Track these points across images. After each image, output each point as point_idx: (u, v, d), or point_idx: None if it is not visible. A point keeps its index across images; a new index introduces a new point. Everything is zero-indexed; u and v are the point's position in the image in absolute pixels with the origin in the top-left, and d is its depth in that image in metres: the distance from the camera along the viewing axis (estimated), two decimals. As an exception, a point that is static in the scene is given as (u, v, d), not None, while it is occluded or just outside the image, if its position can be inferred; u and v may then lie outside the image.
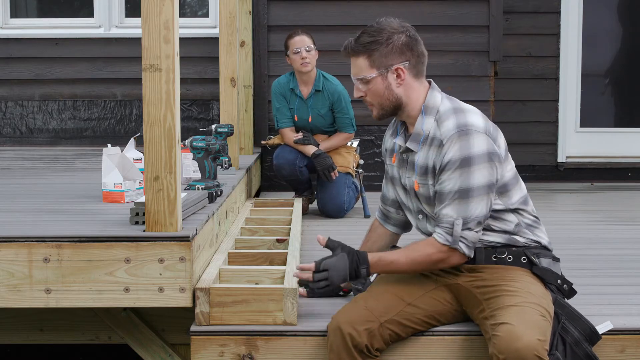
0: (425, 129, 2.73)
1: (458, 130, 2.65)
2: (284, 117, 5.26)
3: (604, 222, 5.14)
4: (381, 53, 2.71)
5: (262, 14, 6.29)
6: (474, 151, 2.62)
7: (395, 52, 2.71)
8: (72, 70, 6.78)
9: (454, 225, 2.66)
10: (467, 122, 2.66)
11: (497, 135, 2.73)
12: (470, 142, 2.63)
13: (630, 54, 7.20)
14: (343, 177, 5.20)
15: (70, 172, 5.08)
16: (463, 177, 2.63)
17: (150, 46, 2.77)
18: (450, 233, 2.66)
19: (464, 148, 2.62)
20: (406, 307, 2.74)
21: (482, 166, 2.63)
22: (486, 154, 2.63)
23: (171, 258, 2.82)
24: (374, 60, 2.73)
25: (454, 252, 2.68)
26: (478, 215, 2.65)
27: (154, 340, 3.38)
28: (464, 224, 2.65)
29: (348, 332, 2.63)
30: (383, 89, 2.74)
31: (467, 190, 2.63)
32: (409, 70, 2.73)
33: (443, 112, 2.72)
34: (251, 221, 4.29)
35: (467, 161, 2.62)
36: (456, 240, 2.66)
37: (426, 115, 2.74)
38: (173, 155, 2.80)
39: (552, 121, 6.96)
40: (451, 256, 2.69)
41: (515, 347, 2.43)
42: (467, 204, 2.64)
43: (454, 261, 2.71)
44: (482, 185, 2.63)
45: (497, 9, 6.28)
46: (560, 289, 2.76)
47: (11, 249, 2.81)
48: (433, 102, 2.75)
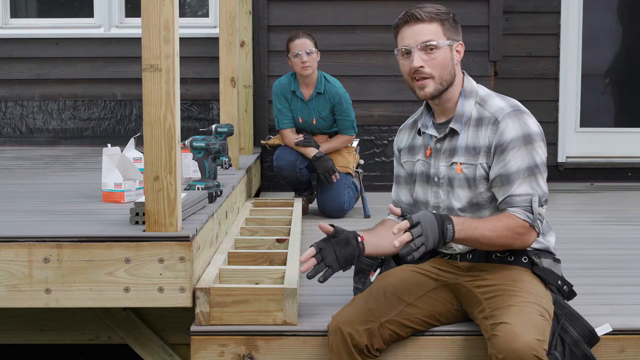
0: (467, 111, 2.75)
1: (513, 110, 2.68)
2: (285, 118, 5.26)
3: (604, 222, 5.14)
4: (451, 25, 2.73)
5: (262, 14, 6.29)
6: (532, 129, 2.67)
7: (458, 30, 2.76)
8: (72, 70, 6.78)
9: (532, 202, 2.65)
10: (517, 104, 2.72)
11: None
12: (527, 121, 2.68)
13: (630, 54, 7.20)
14: (343, 177, 5.20)
15: (70, 172, 5.08)
16: (529, 154, 2.65)
17: (150, 46, 2.77)
18: (531, 210, 2.64)
19: (523, 126, 2.66)
20: (406, 307, 2.74)
21: (540, 144, 2.68)
22: (539, 133, 2.69)
23: (171, 258, 2.82)
24: (446, 30, 2.72)
25: (532, 230, 2.67)
26: (545, 190, 2.68)
27: (154, 340, 3.38)
28: (539, 200, 2.66)
29: (348, 332, 2.63)
30: (449, 60, 2.72)
31: (534, 167, 2.66)
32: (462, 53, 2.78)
33: (483, 95, 2.76)
34: (251, 221, 4.29)
35: (529, 139, 2.65)
36: (536, 217, 2.66)
37: (466, 99, 2.76)
38: (173, 155, 2.80)
39: (552, 121, 6.95)
40: (530, 233, 2.67)
41: (513, 347, 2.43)
42: (537, 181, 2.66)
43: (531, 239, 2.69)
44: (543, 162, 2.68)
45: (497, 9, 6.28)
46: (560, 290, 2.76)
47: (11, 249, 2.81)
48: (471, 87, 2.79)
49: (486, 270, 2.75)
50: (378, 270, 2.95)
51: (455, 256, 2.83)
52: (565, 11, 6.91)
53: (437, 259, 2.89)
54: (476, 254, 2.77)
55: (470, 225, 2.61)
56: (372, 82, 6.31)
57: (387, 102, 6.29)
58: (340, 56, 6.31)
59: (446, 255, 2.86)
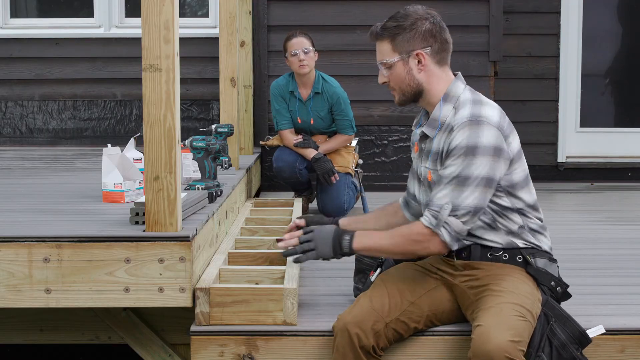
0: (442, 116, 2.74)
1: (470, 119, 2.65)
2: (284, 118, 5.26)
3: (604, 222, 5.14)
4: (404, 38, 2.74)
5: (262, 14, 6.29)
6: (481, 141, 2.62)
7: (417, 38, 2.75)
8: (72, 70, 6.77)
9: (442, 209, 2.65)
10: (481, 113, 2.67)
11: (510, 133, 2.72)
12: (479, 132, 2.63)
13: (630, 54, 7.20)
14: (343, 177, 5.19)
15: (70, 172, 5.08)
16: (465, 164, 2.62)
17: (150, 46, 2.77)
18: (436, 216, 2.65)
19: (472, 136, 2.63)
20: (409, 305, 2.75)
21: (486, 158, 2.62)
22: (493, 147, 2.63)
23: (171, 258, 2.82)
24: (396, 45, 2.75)
25: (435, 237, 2.66)
26: (469, 205, 2.63)
27: (154, 340, 3.38)
28: (452, 210, 2.64)
29: (355, 333, 2.63)
30: (404, 74, 2.76)
31: (465, 178, 2.63)
32: (431, 57, 2.76)
33: (462, 100, 2.73)
34: (251, 221, 4.29)
35: (472, 149, 2.62)
36: (439, 224, 2.64)
37: (445, 103, 2.76)
38: (173, 155, 2.80)
39: (552, 121, 6.96)
40: (431, 241, 2.67)
41: (485, 350, 2.44)
42: (461, 192, 2.63)
43: (433, 248, 2.68)
44: (482, 176, 2.62)
45: (497, 9, 6.28)
46: (553, 291, 2.75)
47: (11, 249, 2.81)
48: (455, 91, 2.77)
49: (481, 269, 2.76)
50: (378, 270, 2.96)
51: (451, 254, 2.83)
52: (565, 11, 6.90)
53: (435, 258, 2.90)
54: (471, 252, 2.78)
55: (369, 236, 2.74)
56: (372, 82, 6.29)
57: (387, 102, 6.28)
58: (340, 56, 6.30)
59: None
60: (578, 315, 2.71)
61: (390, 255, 2.80)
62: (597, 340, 2.78)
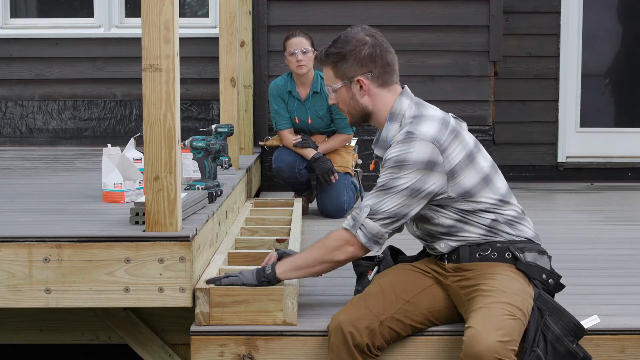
0: (389, 136, 2.79)
1: (405, 137, 2.71)
2: (283, 119, 5.26)
3: (604, 222, 5.14)
4: (345, 65, 2.80)
5: (262, 14, 6.29)
6: (411, 156, 2.68)
7: (357, 64, 2.79)
8: (72, 70, 6.78)
9: (361, 211, 2.73)
10: (416, 130, 2.71)
11: (450, 144, 2.73)
12: (410, 148, 2.69)
13: (630, 54, 7.20)
14: (342, 177, 5.19)
15: (70, 172, 5.08)
16: (392, 176, 2.70)
17: (150, 46, 2.77)
18: (354, 218, 2.74)
19: (402, 151, 2.69)
20: (405, 304, 2.76)
21: (413, 172, 2.68)
22: (422, 161, 2.68)
23: (171, 258, 2.82)
24: (337, 71, 2.82)
25: (352, 239, 2.74)
26: (387, 209, 2.70)
27: (154, 340, 3.38)
28: (370, 213, 2.71)
29: (349, 331, 2.64)
30: (348, 98, 2.83)
31: (389, 187, 2.70)
32: (373, 81, 2.80)
33: (407, 118, 2.79)
34: (251, 221, 4.30)
35: (400, 164, 2.69)
36: (357, 225, 2.72)
37: (391, 122, 2.81)
38: (173, 155, 2.80)
39: (552, 121, 6.96)
40: (348, 243, 2.75)
41: (475, 352, 2.46)
42: (382, 198, 2.71)
43: (352, 250, 2.75)
44: (405, 187, 2.69)
45: (497, 9, 6.28)
46: (545, 284, 2.75)
47: (11, 249, 2.81)
48: (400, 109, 2.82)
49: (471, 269, 2.77)
50: (375, 269, 2.98)
51: (443, 258, 2.85)
52: (565, 11, 6.91)
53: (430, 259, 2.93)
54: (459, 255, 2.80)
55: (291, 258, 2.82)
56: (372, 82, 6.30)
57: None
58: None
59: (436, 256, 2.90)
60: (578, 315, 2.70)
61: (311, 270, 2.82)
62: (597, 340, 2.78)
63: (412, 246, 3.09)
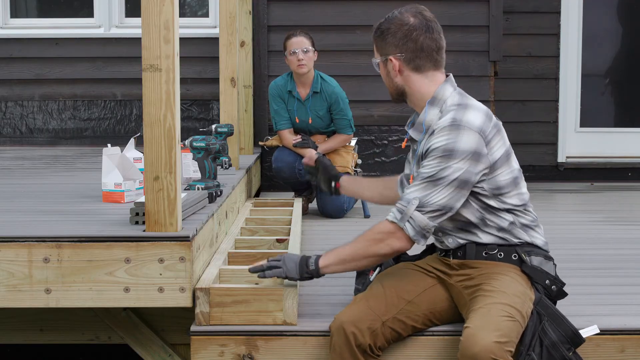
0: (427, 120, 2.76)
1: (450, 124, 2.66)
2: (282, 119, 5.26)
3: (604, 222, 5.14)
4: (383, 42, 2.81)
5: (262, 14, 6.29)
6: (459, 146, 2.63)
7: (391, 44, 2.79)
8: (72, 70, 6.78)
9: (409, 204, 2.66)
10: (462, 118, 2.68)
11: (494, 137, 2.72)
12: (458, 136, 2.64)
13: (630, 54, 7.20)
14: (343, 177, 5.19)
15: (70, 172, 5.08)
16: (440, 166, 2.64)
17: (150, 46, 2.77)
18: (402, 211, 2.67)
19: (451, 140, 2.64)
20: (406, 304, 2.75)
21: (462, 162, 2.63)
22: (470, 151, 2.64)
23: (171, 258, 2.82)
24: (377, 47, 2.85)
25: (399, 232, 2.67)
26: (437, 202, 2.64)
27: (154, 340, 3.38)
28: (419, 205, 2.65)
29: (351, 332, 2.63)
30: (385, 74, 2.85)
31: (438, 178, 2.64)
32: (405, 63, 2.78)
33: (449, 105, 2.74)
34: (251, 221, 4.30)
35: (449, 153, 2.64)
36: (404, 218, 2.66)
37: (431, 107, 2.77)
38: (173, 155, 2.80)
39: (552, 121, 6.96)
40: (394, 236, 2.68)
41: (472, 352, 2.46)
42: (432, 190, 2.65)
43: (398, 243, 2.69)
44: (455, 178, 2.64)
45: (497, 9, 6.28)
46: (548, 289, 2.75)
47: (11, 249, 2.81)
48: (442, 94, 2.78)
49: (476, 267, 2.77)
50: (377, 269, 2.97)
51: (448, 253, 2.84)
52: (565, 11, 6.91)
53: (433, 257, 2.92)
54: (466, 251, 2.79)
55: (334, 251, 2.77)
56: (372, 82, 6.31)
57: (387, 102, 6.25)
58: (340, 56, 6.31)
59: (442, 252, 2.88)
60: (578, 315, 2.71)
61: (357, 264, 2.77)
62: (597, 340, 2.78)
63: (413, 246, 3.09)
